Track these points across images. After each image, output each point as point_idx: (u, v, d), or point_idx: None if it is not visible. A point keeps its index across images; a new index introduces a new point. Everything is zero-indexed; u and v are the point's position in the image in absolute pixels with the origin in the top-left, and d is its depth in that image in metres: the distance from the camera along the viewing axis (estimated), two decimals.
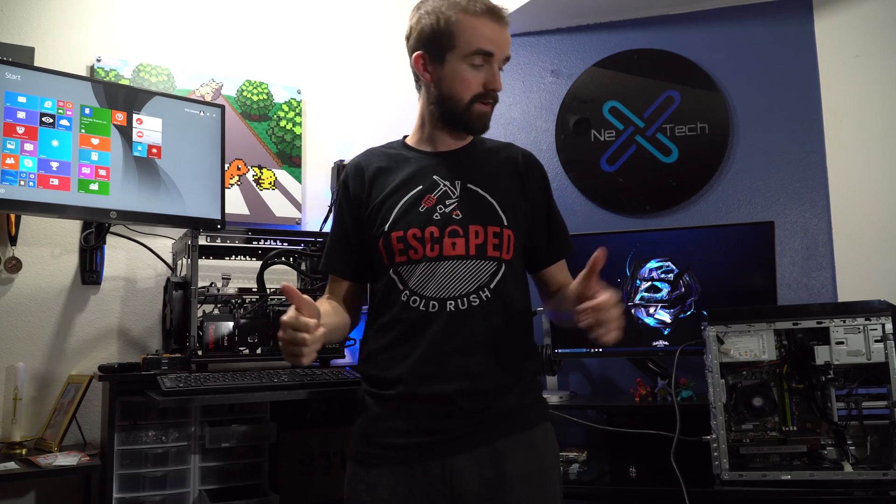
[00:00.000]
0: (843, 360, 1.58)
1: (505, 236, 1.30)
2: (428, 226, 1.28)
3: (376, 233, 1.31)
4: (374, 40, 2.65)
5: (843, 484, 1.55)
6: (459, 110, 1.31)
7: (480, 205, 1.31)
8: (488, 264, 1.28)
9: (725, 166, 2.43)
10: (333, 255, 1.40)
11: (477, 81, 1.29)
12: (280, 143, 2.40)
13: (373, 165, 1.37)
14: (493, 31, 1.28)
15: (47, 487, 1.93)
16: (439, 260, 1.26)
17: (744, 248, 2.05)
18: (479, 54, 1.28)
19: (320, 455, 2.00)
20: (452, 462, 1.22)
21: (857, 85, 2.31)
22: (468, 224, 1.28)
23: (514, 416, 1.27)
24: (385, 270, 1.30)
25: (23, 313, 1.99)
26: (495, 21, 1.29)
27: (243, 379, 1.65)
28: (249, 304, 1.93)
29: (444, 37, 1.29)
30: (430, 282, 1.26)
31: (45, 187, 1.69)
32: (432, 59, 1.32)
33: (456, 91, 1.30)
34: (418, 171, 1.34)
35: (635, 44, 2.55)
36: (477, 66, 1.29)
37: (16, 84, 1.68)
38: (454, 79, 1.30)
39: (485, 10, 1.29)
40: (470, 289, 1.26)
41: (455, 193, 1.32)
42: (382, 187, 1.34)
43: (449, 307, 1.25)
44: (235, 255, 2.09)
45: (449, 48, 1.29)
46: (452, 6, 1.29)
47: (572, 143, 2.56)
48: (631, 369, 2.33)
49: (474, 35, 1.27)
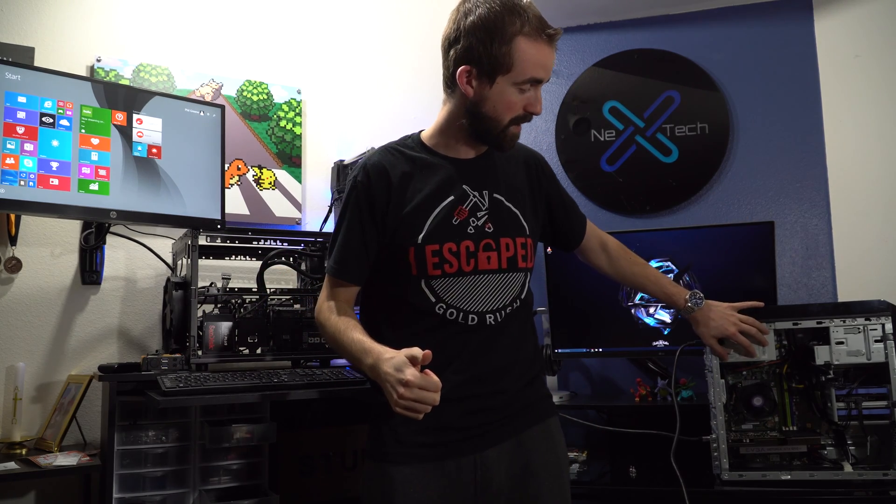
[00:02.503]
0: (843, 360, 1.58)
1: (528, 246, 1.35)
2: (463, 240, 1.28)
3: (405, 243, 1.28)
4: (375, 40, 2.65)
5: (843, 484, 1.55)
6: (496, 131, 1.29)
7: (507, 215, 1.34)
8: (519, 276, 1.33)
9: (725, 166, 2.43)
10: (348, 262, 1.32)
11: (521, 105, 1.27)
12: (280, 143, 2.40)
13: (398, 170, 1.31)
14: (547, 57, 1.25)
15: (47, 487, 1.93)
16: (475, 274, 1.28)
17: (744, 248, 2.05)
18: (532, 82, 1.25)
19: (320, 455, 2.00)
20: (483, 456, 1.26)
21: (857, 85, 2.31)
22: (499, 237, 1.31)
23: (533, 406, 1.34)
24: (414, 281, 1.28)
25: (23, 313, 1.99)
26: (549, 46, 1.25)
27: (243, 379, 1.65)
28: (249, 304, 1.93)
29: (501, 60, 1.23)
30: (467, 296, 1.27)
31: (45, 187, 1.69)
32: (480, 77, 1.25)
33: (499, 113, 1.27)
34: (446, 180, 1.31)
35: (635, 44, 2.55)
36: (524, 90, 1.26)
37: (16, 84, 1.68)
38: (500, 101, 1.26)
39: (542, 32, 1.23)
40: (506, 301, 1.31)
41: (485, 205, 1.32)
42: (411, 196, 1.29)
43: (488, 320, 1.28)
44: (235, 255, 2.09)
45: (503, 72, 1.24)
46: (511, 22, 1.22)
47: (572, 143, 2.56)
48: (631, 369, 2.34)
49: (531, 63, 1.23)
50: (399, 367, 1.10)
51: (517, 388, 1.32)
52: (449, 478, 1.24)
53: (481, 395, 1.27)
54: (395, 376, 1.10)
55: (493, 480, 1.26)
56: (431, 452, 1.25)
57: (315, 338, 1.94)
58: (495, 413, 1.28)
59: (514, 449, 1.28)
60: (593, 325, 2.18)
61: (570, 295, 2.18)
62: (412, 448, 1.26)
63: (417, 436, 1.26)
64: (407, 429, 1.26)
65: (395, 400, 1.10)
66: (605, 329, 2.17)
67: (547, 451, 1.32)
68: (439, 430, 1.25)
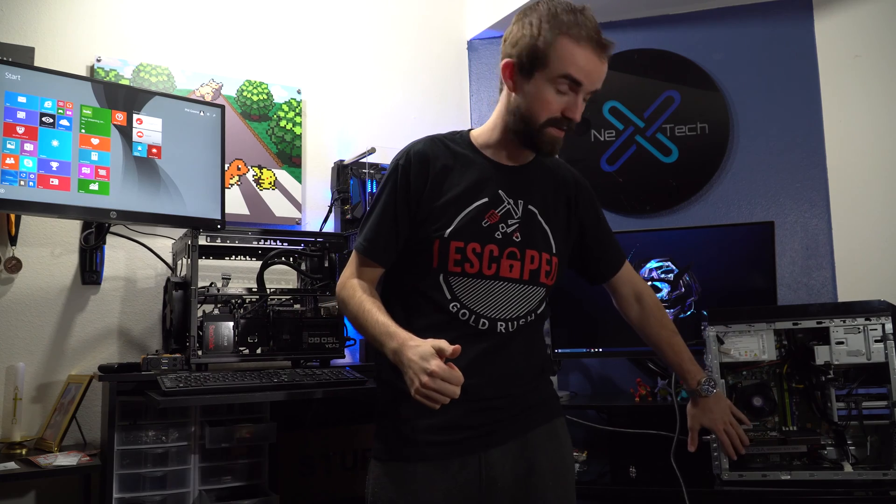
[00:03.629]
0: (843, 360, 1.58)
1: (553, 263, 1.34)
2: (489, 243, 1.28)
3: (432, 234, 1.28)
4: (375, 41, 2.65)
5: (843, 484, 1.55)
6: (532, 130, 1.28)
7: (538, 229, 1.33)
8: (538, 290, 1.32)
9: (725, 166, 2.43)
10: (377, 241, 1.31)
11: (557, 106, 1.25)
12: (280, 143, 2.40)
13: (439, 161, 1.31)
14: (588, 62, 1.23)
15: (47, 487, 1.93)
16: (495, 279, 1.28)
17: (744, 248, 2.05)
18: (568, 80, 1.23)
19: (320, 455, 2.00)
20: (488, 455, 1.26)
21: (857, 85, 2.31)
22: (525, 248, 1.30)
23: (539, 407, 1.34)
24: (433, 275, 1.28)
25: (23, 313, 1.99)
26: (594, 52, 1.23)
27: (243, 379, 1.65)
28: (249, 304, 1.93)
29: (539, 54, 1.23)
30: (483, 300, 1.27)
31: (45, 187, 1.69)
32: (521, 71, 1.26)
33: (534, 110, 1.26)
34: (483, 180, 1.31)
35: (635, 44, 2.55)
36: (562, 92, 1.24)
37: (16, 84, 1.67)
38: (536, 97, 1.25)
39: (587, 38, 1.22)
40: (521, 313, 1.30)
41: (517, 214, 1.31)
42: (447, 188, 1.29)
43: (500, 328, 1.28)
44: (235, 255, 2.09)
45: (540, 67, 1.24)
46: (557, 25, 1.23)
47: (572, 143, 2.56)
48: (631, 369, 2.34)
49: (568, 61, 1.22)
50: (425, 357, 1.11)
51: (524, 392, 1.32)
52: (453, 477, 1.24)
53: (487, 396, 1.27)
54: (420, 365, 1.11)
55: (497, 480, 1.25)
56: (436, 451, 1.25)
57: (315, 338, 1.94)
58: (501, 413, 1.28)
59: (519, 449, 1.28)
60: (593, 325, 2.18)
61: (570, 295, 2.18)
62: (416, 447, 1.26)
63: (421, 434, 1.26)
64: (411, 428, 1.27)
65: (416, 388, 1.11)
66: (605, 329, 2.17)
67: (553, 451, 1.32)
68: (444, 428, 1.25)
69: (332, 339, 1.96)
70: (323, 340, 1.95)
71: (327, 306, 2.02)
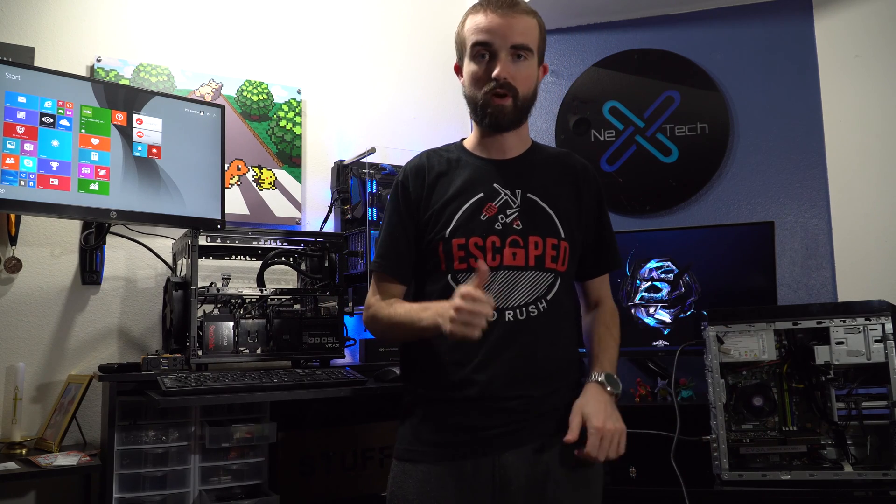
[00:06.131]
0: (843, 360, 1.58)
1: (562, 248, 1.33)
2: (489, 235, 1.29)
3: (435, 237, 1.31)
4: (375, 41, 2.65)
5: (843, 484, 1.55)
6: (478, 107, 1.33)
7: (540, 215, 1.33)
8: (546, 276, 1.31)
9: (725, 166, 2.43)
10: (390, 256, 1.36)
11: (483, 74, 1.30)
12: (280, 143, 2.40)
13: (434, 169, 1.37)
14: (487, 22, 1.29)
15: (47, 487, 1.93)
16: (499, 269, 1.28)
17: (744, 248, 2.05)
18: (478, 47, 1.30)
19: (320, 455, 2.00)
20: (502, 458, 1.25)
21: (857, 85, 2.31)
22: (528, 235, 1.30)
23: (557, 413, 1.29)
24: (442, 276, 1.31)
25: (23, 313, 1.99)
26: (494, 11, 1.29)
27: (243, 379, 1.65)
28: (249, 304, 1.93)
29: (459, 40, 1.36)
30: (489, 291, 1.26)
31: (45, 187, 1.69)
32: (460, 66, 1.38)
33: (470, 88, 1.34)
34: (477, 177, 1.34)
35: (635, 44, 2.55)
36: (482, 61, 1.30)
37: (16, 84, 1.67)
38: (467, 77, 1.34)
39: (485, 3, 1.31)
40: (528, 299, 1.29)
41: (516, 203, 1.33)
42: (443, 192, 1.34)
43: (507, 317, 1.27)
44: (235, 255, 2.09)
45: (463, 52, 1.35)
46: (467, 13, 1.35)
47: (572, 143, 2.56)
48: (631, 369, 2.33)
49: (472, 30, 1.31)
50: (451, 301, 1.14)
51: (540, 395, 1.28)
52: (466, 478, 1.24)
53: (501, 397, 1.26)
54: (446, 305, 1.14)
55: (511, 484, 1.24)
56: (449, 452, 1.26)
57: (315, 338, 1.94)
58: (516, 416, 1.26)
59: (535, 454, 1.26)
60: None
61: None
62: (430, 447, 1.28)
63: (436, 434, 1.28)
64: (427, 428, 1.29)
65: (451, 322, 1.12)
66: None
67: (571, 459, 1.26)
68: (458, 429, 1.26)
69: (332, 339, 1.97)
70: (323, 340, 1.95)
71: (327, 306, 2.03)
